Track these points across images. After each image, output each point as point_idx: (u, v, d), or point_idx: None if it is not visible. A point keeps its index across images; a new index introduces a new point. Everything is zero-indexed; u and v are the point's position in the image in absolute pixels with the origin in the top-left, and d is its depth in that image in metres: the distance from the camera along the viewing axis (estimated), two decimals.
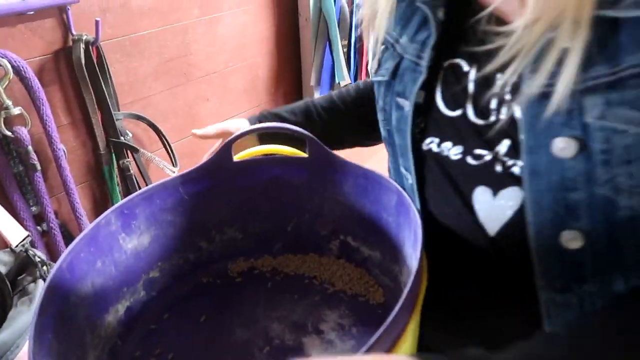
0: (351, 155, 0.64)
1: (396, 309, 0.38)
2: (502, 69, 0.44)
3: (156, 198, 0.58)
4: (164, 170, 1.28)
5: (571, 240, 0.44)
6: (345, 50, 1.58)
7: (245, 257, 0.68)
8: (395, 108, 0.54)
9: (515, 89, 0.45)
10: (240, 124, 0.68)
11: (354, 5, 1.57)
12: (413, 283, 0.41)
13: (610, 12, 0.39)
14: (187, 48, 1.33)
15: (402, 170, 0.56)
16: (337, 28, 1.52)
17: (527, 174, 0.44)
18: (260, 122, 0.69)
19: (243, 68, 1.50)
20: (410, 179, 0.54)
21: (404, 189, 0.54)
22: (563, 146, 0.42)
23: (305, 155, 0.63)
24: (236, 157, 0.63)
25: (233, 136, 0.61)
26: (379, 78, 0.58)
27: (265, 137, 0.70)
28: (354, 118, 0.74)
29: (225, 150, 0.61)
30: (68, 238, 1.19)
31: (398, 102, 0.54)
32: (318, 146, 0.61)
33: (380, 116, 0.58)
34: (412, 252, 0.50)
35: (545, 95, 0.42)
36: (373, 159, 1.94)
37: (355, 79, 1.71)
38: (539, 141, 0.43)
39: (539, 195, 0.44)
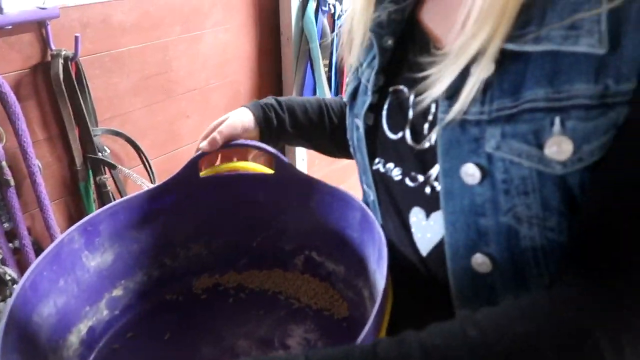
0: (328, 175, 0.64)
1: (367, 327, 0.39)
2: (429, 95, 0.46)
3: (121, 214, 0.58)
4: (141, 187, 1.27)
5: (481, 264, 0.45)
6: (326, 69, 1.60)
7: (209, 273, 0.67)
8: (355, 128, 0.57)
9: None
10: (243, 117, 0.65)
11: (336, 26, 1.59)
12: (381, 301, 0.42)
13: (512, 45, 0.41)
14: (168, 65, 1.33)
15: (365, 187, 0.58)
16: (319, 48, 1.54)
17: (443, 196, 0.46)
18: (265, 112, 0.66)
19: (224, 85, 1.50)
20: (372, 195, 0.56)
21: (368, 205, 0.55)
22: (470, 172, 0.43)
23: (271, 171, 0.63)
24: (202, 174, 0.63)
25: (199, 153, 0.61)
26: (344, 99, 0.61)
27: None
28: None
29: (192, 167, 0.61)
30: None
31: (356, 122, 0.56)
32: (284, 163, 0.61)
33: (347, 134, 0.60)
34: (377, 267, 0.51)
35: (458, 122, 0.44)
36: (350, 181, 1.94)
37: None
38: (452, 166, 0.45)
39: (453, 217, 0.46)
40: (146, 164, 1.30)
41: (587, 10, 0.38)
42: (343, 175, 1.93)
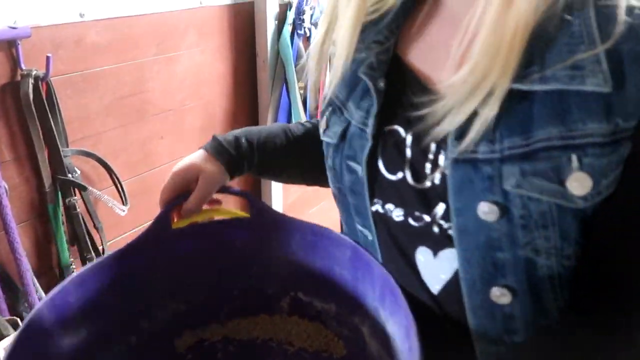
0: (303, 197, 0.63)
1: None
2: (431, 134, 0.46)
3: (90, 282, 0.53)
4: (113, 209, 1.25)
5: (500, 296, 0.46)
6: (302, 92, 1.61)
7: (191, 329, 0.62)
8: (347, 170, 0.55)
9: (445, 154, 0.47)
10: (217, 176, 0.61)
11: None
12: (419, 343, 0.40)
13: (518, 85, 0.42)
14: (142, 85, 1.32)
15: (359, 227, 0.56)
16: (294, 70, 1.55)
17: (457, 234, 0.46)
18: (233, 161, 0.62)
19: (199, 106, 1.50)
20: (370, 235, 0.55)
21: (359, 244, 0.53)
22: (487, 210, 0.44)
23: (246, 215, 0.61)
24: (174, 225, 0.60)
25: (169, 206, 0.59)
26: (328, 140, 0.58)
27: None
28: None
29: (163, 219, 0.58)
30: (6, 280, 1.12)
31: (350, 165, 0.54)
32: (260, 205, 0.59)
33: (329, 174, 0.59)
34: (379, 305, 0.49)
35: (468, 161, 0.44)
36: (323, 204, 1.95)
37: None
38: (465, 204, 0.45)
39: (468, 253, 0.46)
40: (118, 185, 1.28)
41: (584, 51, 0.40)
42: (317, 197, 1.94)
